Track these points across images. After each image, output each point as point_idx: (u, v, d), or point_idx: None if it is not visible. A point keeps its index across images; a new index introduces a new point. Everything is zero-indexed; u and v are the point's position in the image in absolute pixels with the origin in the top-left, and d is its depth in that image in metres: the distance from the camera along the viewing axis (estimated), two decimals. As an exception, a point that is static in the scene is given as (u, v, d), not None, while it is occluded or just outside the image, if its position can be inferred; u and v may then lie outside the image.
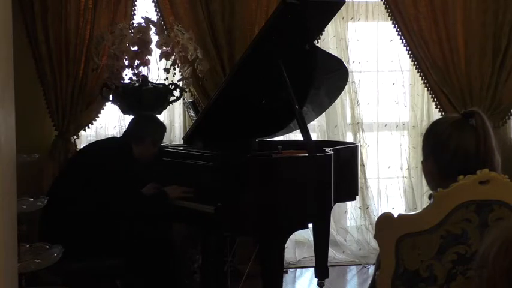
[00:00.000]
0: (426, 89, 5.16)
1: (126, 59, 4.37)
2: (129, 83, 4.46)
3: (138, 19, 4.66)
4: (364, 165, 5.14)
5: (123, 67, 4.38)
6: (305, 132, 3.60)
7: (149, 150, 3.87)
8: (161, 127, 3.99)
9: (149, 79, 4.51)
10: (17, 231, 2.39)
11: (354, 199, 4.43)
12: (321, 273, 4.28)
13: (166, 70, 4.56)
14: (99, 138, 4.93)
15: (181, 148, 4.15)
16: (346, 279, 5.00)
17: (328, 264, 4.32)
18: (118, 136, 4.39)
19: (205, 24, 4.80)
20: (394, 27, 5.07)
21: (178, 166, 3.83)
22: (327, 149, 3.66)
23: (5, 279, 2.02)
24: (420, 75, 5.12)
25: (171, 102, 4.60)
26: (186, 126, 4.96)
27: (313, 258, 4.32)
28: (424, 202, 5.08)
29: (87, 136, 4.89)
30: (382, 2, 5.07)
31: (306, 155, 3.53)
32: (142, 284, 3.76)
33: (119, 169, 3.69)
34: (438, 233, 1.81)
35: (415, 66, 5.12)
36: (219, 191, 3.46)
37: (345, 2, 4.16)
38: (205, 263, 4.25)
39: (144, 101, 4.43)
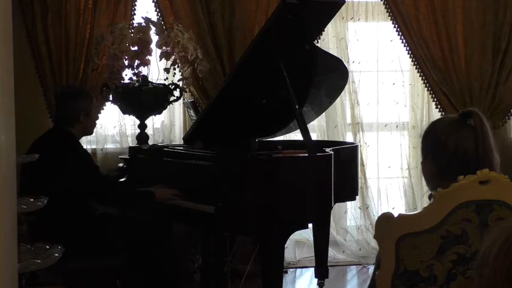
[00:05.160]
0: (426, 89, 5.16)
1: (126, 59, 4.38)
2: (129, 83, 4.47)
3: (138, 19, 4.66)
4: (364, 165, 5.14)
5: (123, 67, 4.38)
6: (305, 132, 3.60)
7: (89, 120, 3.88)
8: (84, 96, 3.90)
9: (149, 79, 4.51)
10: (17, 231, 2.38)
11: (354, 199, 4.43)
12: (321, 273, 4.28)
13: (166, 70, 4.56)
14: (99, 138, 4.95)
15: (181, 148, 4.15)
16: (346, 279, 5.00)
17: (328, 264, 4.32)
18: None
19: (205, 24, 4.80)
20: (394, 27, 5.07)
21: (178, 166, 3.83)
22: (327, 149, 3.66)
23: (5, 279, 2.02)
24: (420, 75, 5.12)
25: (171, 102, 4.60)
26: (186, 126, 4.96)
27: (313, 258, 4.31)
28: (424, 202, 5.08)
29: (86, 136, 4.88)
30: (382, 2, 5.07)
31: (306, 155, 3.53)
32: (142, 284, 3.76)
33: (79, 159, 3.73)
34: (438, 233, 1.81)
35: (415, 66, 5.12)
36: (219, 191, 3.46)
37: (344, 2, 4.16)
38: (205, 263, 4.25)
39: (144, 101, 4.43)
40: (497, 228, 1.43)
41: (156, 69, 4.62)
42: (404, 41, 5.07)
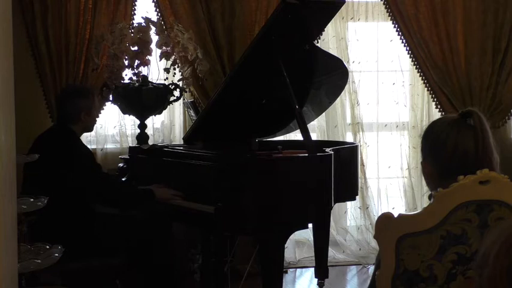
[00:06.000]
0: (426, 89, 5.16)
1: (126, 59, 4.38)
2: (129, 83, 4.46)
3: (138, 19, 4.66)
4: (364, 165, 5.14)
5: (123, 67, 4.38)
6: (305, 132, 3.60)
7: (90, 119, 3.88)
8: (86, 95, 3.89)
9: (149, 79, 4.51)
10: (17, 231, 2.38)
11: (354, 199, 4.42)
12: (321, 273, 4.28)
13: (166, 70, 4.56)
14: (99, 138, 4.95)
15: (181, 148, 4.15)
16: (346, 279, 5.00)
17: (328, 264, 4.32)
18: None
19: (205, 24, 4.80)
20: (394, 27, 5.07)
21: (178, 166, 3.83)
22: (327, 149, 3.66)
23: (5, 279, 2.02)
24: (420, 75, 5.12)
25: (171, 102, 4.60)
26: (186, 126, 4.96)
27: (313, 258, 4.31)
28: (424, 202, 5.08)
29: (86, 136, 4.89)
30: (382, 2, 5.07)
31: (306, 155, 3.53)
32: (142, 284, 3.76)
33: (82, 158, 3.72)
34: (438, 233, 1.81)
35: (415, 66, 5.12)
36: (219, 191, 3.46)
37: (344, 2, 4.16)
38: (205, 263, 4.25)
39: (144, 101, 4.43)
40: (497, 228, 1.43)
41: (156, 69, 4.62)
42: (404, 41, 5.07)
